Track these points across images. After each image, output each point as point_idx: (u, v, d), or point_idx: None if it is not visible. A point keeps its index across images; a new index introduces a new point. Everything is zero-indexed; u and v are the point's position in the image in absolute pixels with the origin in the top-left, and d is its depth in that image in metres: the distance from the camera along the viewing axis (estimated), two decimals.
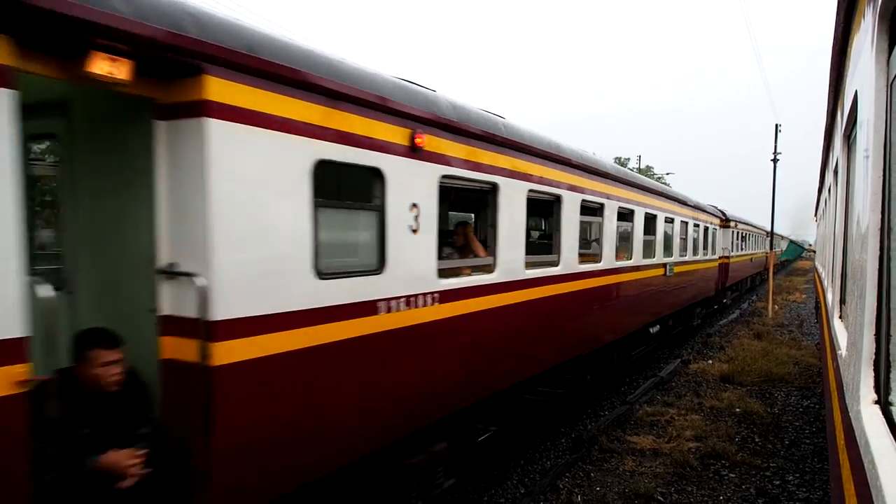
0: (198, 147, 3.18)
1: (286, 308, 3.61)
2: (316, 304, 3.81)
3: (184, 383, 3.26)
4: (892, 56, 2.06)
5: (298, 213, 3.70)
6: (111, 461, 3.06)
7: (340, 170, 4.07)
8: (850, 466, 2.51)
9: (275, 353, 3.54)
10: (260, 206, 3.47)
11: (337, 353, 3.99)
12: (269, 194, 3.52)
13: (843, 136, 4.27)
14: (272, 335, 3.53)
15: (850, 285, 3.08)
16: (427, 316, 4.86)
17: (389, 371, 4.52)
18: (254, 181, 3.44)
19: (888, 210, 2.10)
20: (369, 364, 4.30)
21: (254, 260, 3.44)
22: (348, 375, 4.13)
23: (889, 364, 2.04)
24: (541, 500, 6.20)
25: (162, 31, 2.91)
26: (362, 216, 4.42)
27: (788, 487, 6.71)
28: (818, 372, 11.84)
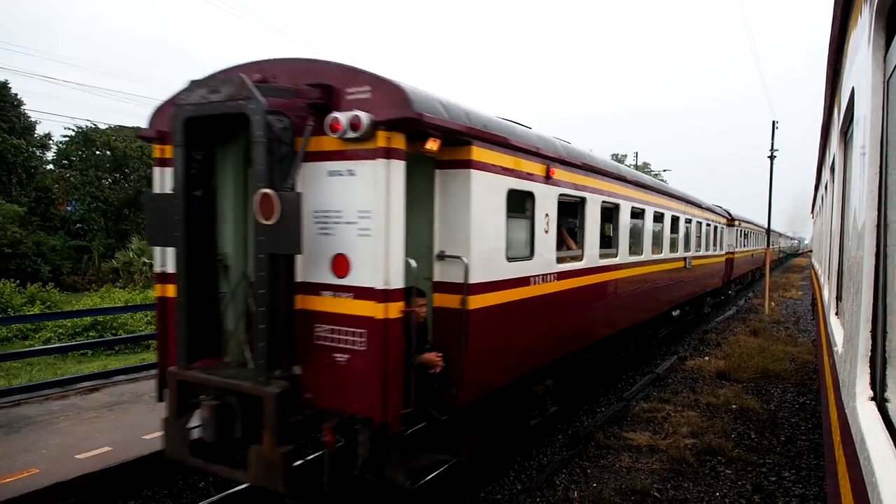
0: (465, 185, 5.42)
1: (494, 279, 5.83)
2: (504, 277, 6.01)
3: (449, 320, 5.47)
4: (889, 53, 2.06)
5: (500, 222, 5.92)
6: (427, 358, 5.27)
7: (516, 194, 6.22)
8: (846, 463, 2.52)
9: (489, 305, 5.76)
10: (486, 218, 5.67)
11: (511, 307, 6.17)
12: (490, 211, 5.73)
13: (839, 133, 4.28)
14: (488, 294, 5.74)
15: (847, 282, 3.09)
16: (551, 288, 7.09)
17: (533, 322, 6.72)
18: (485, 204, 5.63)
19: (884, 207, 2.10)
20: (524, 316, 6.47)
21: (485, 250, 5.65)
22: (516, 321, 6.30)
23: (885, 361, 2.04)
24: (537, 496, 6.20)
25: (458, 125, 5.23)
26: (522, 222, 6.52)
27: (784, 484, 6.73)
28: (814, 369, 11.86)
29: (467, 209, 5.41)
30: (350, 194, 4.79)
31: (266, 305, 4.57)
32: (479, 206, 5.53)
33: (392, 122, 4.63)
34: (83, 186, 51.39)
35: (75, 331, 22.39)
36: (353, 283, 4.77)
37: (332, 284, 4.87)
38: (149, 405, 8.20)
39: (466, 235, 5.41)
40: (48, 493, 5.51)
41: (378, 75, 4.83)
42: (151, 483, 6.35)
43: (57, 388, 8.93)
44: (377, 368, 4.65)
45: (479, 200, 5.51)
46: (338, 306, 4.84)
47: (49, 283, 34.26)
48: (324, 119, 4.77)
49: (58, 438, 6.79)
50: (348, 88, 4.84)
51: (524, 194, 6.45)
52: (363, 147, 4.70)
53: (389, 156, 4.66)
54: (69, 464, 6.05)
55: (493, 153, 5.74)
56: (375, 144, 4.65)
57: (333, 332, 4.86)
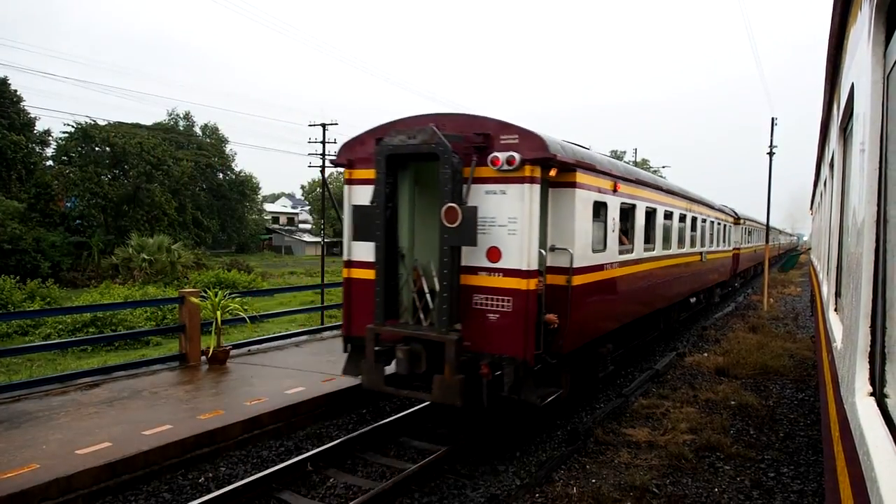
0: (571, 200, 7.52)
1: (586, 265, 7.95)
2: (591, 263, 8.16)
3: (558, 293, 7.48)
4: (889, 48, 2.05)
5: (590, 224, 8.05)
6: (549, 317, 7.27)
7: (597, 204, 8.29)
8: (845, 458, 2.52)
9: (583, 283, 7.84)
10: (583, 222, 7.77)
11: (594, 286, 8.36)
12: (584, 217, 7.83)
13: (839, 128, 4.27)
14: (583, 275, 7.83)
15: (846, 278, 3.09)
16: (615, 273, 9.22)
17: (605, 297, 8.94)
18: (582, 212, 7.71)
19: (884, 203, 2.09)
20: (601, 292, 8.68)
21: (581, 245, 7.73)
22: (596, 296, 8.53)
23: (884, 356, 2.05)
24: (536, 491, 6.21)
25: (570, 159, 7.31)
26: (600, 224, 8.56)
27: (783, 479, 6.74)
28: (813, 365, 11.87)
29: (572, 216, 7.54)
30: (502, 206, 6.99)
31: (447, 281, 6.82)
32: (579, 213, 7.66)
33: (535, 159, 6.84)
34: (82, 182, 51.37)
35: (75, 327, 22.43)
36: (504, 266, 7.00)
37: (487, 267, 7.11)
38: (149, 401, 8.22)
39: (571, 234, 7.54)
40: (48, 489, 5.51)
41: (524, 128, 7.03)
42: (151, 478, 6.37)
43: (57, 383, 8.92)
44: (521, 323, 6.89)
45: (579, 210, 7.64)
46: (491, 282, 7.08)
47: (49, 280, 34.29)
48: (484, 156, 6.99)
49: (58, 434, 6.79)
50: (502, 136, 7.03)
51: (601, 204, 8.54)
52: (513, 175, 6.89)
53: (531, 181, 6.86)
54: (69, 459, 6.05)
55: (586, 176, 7.88)
56: (523, 174, 6.86)
57: (487, 300, 7.10)
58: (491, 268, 7.08)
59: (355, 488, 6.44)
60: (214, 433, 7.08)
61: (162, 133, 65.73)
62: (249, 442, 7.44)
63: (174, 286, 34.36)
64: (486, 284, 7.10)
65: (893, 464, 1.63)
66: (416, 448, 7.66)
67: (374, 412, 9.07)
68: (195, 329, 10.57)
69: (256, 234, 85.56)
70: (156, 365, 10.35)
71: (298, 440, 7.79)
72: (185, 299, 10.51)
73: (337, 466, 6.99)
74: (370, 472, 6.96)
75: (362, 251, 7.90)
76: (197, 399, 8.35)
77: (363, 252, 7.87)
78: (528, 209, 6.84)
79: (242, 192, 78.79)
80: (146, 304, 22.27)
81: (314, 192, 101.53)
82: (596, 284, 8.42)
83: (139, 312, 23.91)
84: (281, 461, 7.01)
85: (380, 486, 6.24)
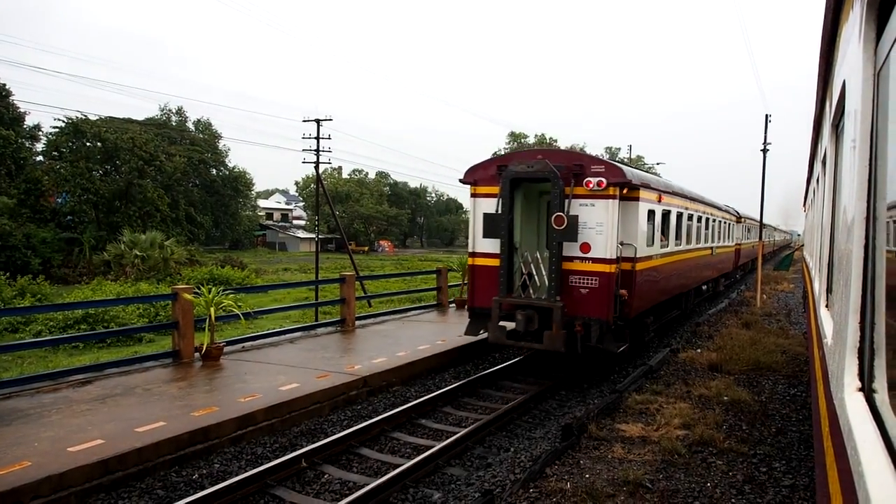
0: (635, 209, 10.47)
1: (643, 255, 10.73)
2: (646, 254, 11.01)
3: (626, 275, 10.35)
4: (880, 45, 2.06)
5: (645, 226, 10.86)
6: (621, 292, 10.21)
7: (648, 210, 10.92)
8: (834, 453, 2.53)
9: (642, 268, 10.76)
10: (642, 225, 10.62)
11: (647, 271, 11.13)
12: (643, 221, 10.70)
13: (831, 125, 4.28)
14: (641, 263, 10.69)
15: (837, 274, 3.10)
16: (658, 262, 12.01)
17: (652, 279, 11.60)
18: (641, 217, 10.63)
19: (874, 200, 2.11)
20: (650, 276, 11.37)
21: (641, 241, 10.59)
22: (648, 278, 11.20)
23: (873, 352, 2.06)
24: (530, 487, 6.23)
25: (637, 181, 10.51)
26: (651, 225, 11.19)
27: (775, 474, 6.78)
28: (805, 361, 11.94)
29: (636, 221, 10.54)
30: (592, 214, 10.09)
31: (555, 266, 10.07)
32: (640, 219, 10.68)
33: (617, 183, 10.00)
34: (73, 178, 50.97)
35: (66, 324, 22.27)
36: (592, 256, 10.10)
37: (580, 257, 10.18)
38: (142, 398, 8.19)
39: (635, 234, 10.52)
40: (40, 486, 5.48)
41: (608, 160, 10.67)
42: (144, 475, 6.35)
43: (48, 380, 8.88)
44: (605, 295, 10.00)
45: (640, 216, 10.67)
46: (583, 266, 10.19)
47: (40, 276, 34.05)
48: (580, 179, 10.12)
49: (49, 431, 6.76)
50: (592, 166, 10.19)
51: (651, 211, 11.37)
52: (601, 193, 10.05)
53: (613, 198, 10.00)
54: (61, 457, 6.03)
55: (645, 192, 10.85)
56: (607, 193, 10.01)
57: (580, 279, 10.18)
58: (583, 257, 10.20)
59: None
60: (208, 430, 7.07)
61: (154, 128, 65.35)
62: (243, 438, 7.43)
63: (167, 283, 34.22)
64: (579, 268, 10.26)
65: (880, 459, 1.64)
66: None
67: (369, 409, 9.07)
68: (188, 326, 10.54)
69: (250, 231, 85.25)
70: (149, 362, 10.32)
71: (293, 436, 7.78)
72: (178, 296, 10.47)
73: (331, 462, 7.00)
74: (365, 467, 6.97)
75: (485, 245, 10.96)
76: (190, 396, 8.32)
77: (485, 246, 10.97)
78: (610, 217, 10.01)
79: (236, 188, 78.47)
80: (138, 301, 22.20)
81: (308, 189, 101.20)
82: (649, 270, 11.46)
83: (132, 309, 23.80)
84: (275, 457, 7.00)
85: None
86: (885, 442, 1.71)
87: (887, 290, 1.90)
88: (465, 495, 6.31)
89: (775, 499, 6.12)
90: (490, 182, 10.93)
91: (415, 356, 11.06)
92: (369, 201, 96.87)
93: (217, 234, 75.98)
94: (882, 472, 1.57)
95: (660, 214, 11.98)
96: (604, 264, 10.02)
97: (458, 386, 9.92)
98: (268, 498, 6.17)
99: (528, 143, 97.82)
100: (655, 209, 11.62)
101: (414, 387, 10.25)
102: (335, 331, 13.81)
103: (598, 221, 10.07)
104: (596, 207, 10.09)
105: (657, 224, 11.82)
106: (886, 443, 1.70)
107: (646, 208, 10.97)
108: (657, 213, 11.76)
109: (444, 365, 11.55)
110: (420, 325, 14.94)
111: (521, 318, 10.15)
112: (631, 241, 10.43)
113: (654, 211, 11.53)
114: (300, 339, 12.68)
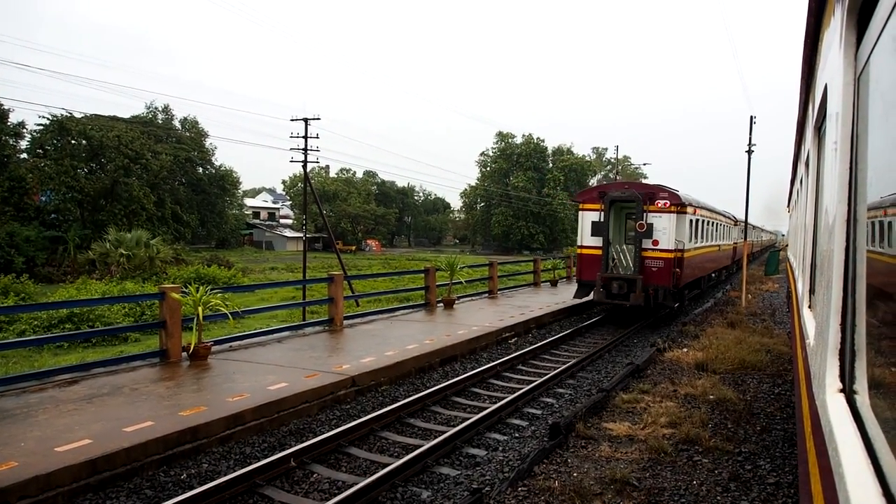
0: (683, 219, 17.59)
1: (685, 248, 17.82)
2: (687, 248, 18.06)
3: (677, 260, 17.34)
4: (860, 49, 2.09)
5: (687, 230, 17.87)
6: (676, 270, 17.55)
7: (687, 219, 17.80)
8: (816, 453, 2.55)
9: (686, 257, 18.05)
10: (686, 228, 17.79)
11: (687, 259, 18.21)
12: (687, 226, 17.87)
13: (813, 128, 4.35)
14: (685, 252, 17.92)
15: (819, 275, 3.14)
16: (690, 254, 18.71)
17: (688, 264, 18.44)
18: (686, 223, 17.81)
19: (854, 202, 2.14)
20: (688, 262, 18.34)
21: (685, 239, 17.75)
22: (687, 262, 18.35)
23: (854, 353, 2.08)
24: (518, 485, 6.27)
25: (686, 201, 17.83)
26: (689, 229, 17.96)
27: (760, 472, 6.87)
28: (789, 360, 12.08)
29: (684, 226, 17.24)
30: (659, 222, 16.95)
31: (637, 254, 16.99)
32: (686, 225, 17.39)
33: (675, 203, 17.03)
34: (58, 176, 50.45)
35: (51, 323, 22.04)
36: (660, 247, 16.88)
37: (652, 248, 16.92)
38: (129, 397, 8.15)
39: (683, 235, 17.21)
40: (27, 486, 5.45)
41: (669, 188, 17.80)
42: (132, 475, 6.33)
43: (34, 380, 8.82)
44: (668, 271, 16.79)
45: (686, 224, 17.37)
46: (654, 254, 16.94)
47: (24, 275, 33.71)
48: (652, 200, 16.99)
49: (36, 431, 6.71)
50: (660, 193, 17.21)
51: (689, 220, 17.53)
52: (664, 210, 16.92)
53: (671, 212, 16.88)
54: (49, 456, 5.99)
55: (689, 208, 17.57)
56: (669, 209, 16.92)
57: (652, 261, 16.88)
58: (654, 248, 16.87)
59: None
60: (197, 429, 7.05)
61: (140, 126, 64.80)
62: (232, 438, 7.42)
63: (153, 282, 33.97)
64: (652, 255, 16.88)
65: (860, 460, 1.65)
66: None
67: (357, 409, 9.08)
68: (176, 325, 10.49)
69: (237, 230, 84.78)
70: (136, 361, 10.26)
71: (282, 436, 7.78)
72: (165, 295, 10.42)
73: (320, 461, 7.01)
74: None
75: (590, 241, 17.76)
76: (178, 395, 8.29)
77: (590, 241, 17.76)
78: (671, 225, 16.82)
79: (223, 187, 78.01)
80: (124, 300, 21.99)
81: (296, 187, 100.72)
82: (690, 258, 18.18)
83: (117, 308, 23.61)
84: (264, 457, 7.00)
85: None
86: (864, 443, 1.72)
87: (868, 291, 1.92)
88: (453, 494, 6.35)
89: (760, 496, 6.21)
90: (592, 202, 17.91)
91: (403, 356, 11.07)
92: (357, 200, 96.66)
93: (203, 233, 75.50)
94: (861, 473, 1.58)
95: (695, 222, 18.77)
96: (667, 253, 16.82)
97: (447, 385, 9.96)
98: (257, 497, 6.17)
99: (516, 143, 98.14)
100: (693, 219, 18.42)
101: (402, 386, 10.28)
102: (323, 330, 13.80)
103: (663, 227, 16.85)
104: (662, 218, 16.92)
105: (691, 228, 18.23)
106: (866, 444, 1.71)
107: (688, 218, 17.67)
108: (691, 221, 18.21)
109: (432, 365, 11.58)
110: (408, 324, 14.96)
111: (616, 285, 16.81)
112: (682, 238, 17.22)
113: (691, 220, 18.03)
114: (288, 339, 12.66)
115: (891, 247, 1.73)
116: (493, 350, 13.48)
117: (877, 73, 1.82)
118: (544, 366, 12.28)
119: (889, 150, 1.62)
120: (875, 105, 1.86)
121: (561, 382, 11.07)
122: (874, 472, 1.54)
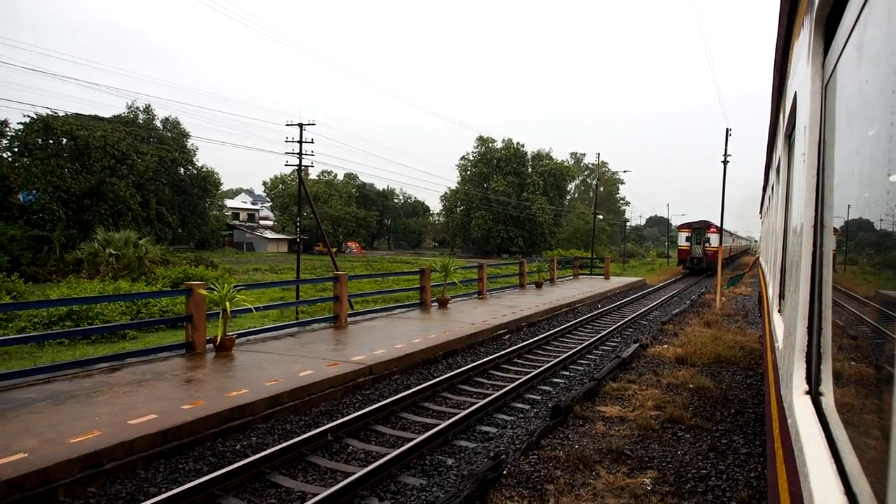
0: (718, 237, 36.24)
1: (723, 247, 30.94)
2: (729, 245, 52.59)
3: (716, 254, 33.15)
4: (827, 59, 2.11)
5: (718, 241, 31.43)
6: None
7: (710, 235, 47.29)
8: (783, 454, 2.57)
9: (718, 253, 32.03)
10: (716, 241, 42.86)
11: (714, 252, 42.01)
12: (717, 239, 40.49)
13: (784, 136, 4.48)
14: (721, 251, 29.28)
15: (788, 280, 3.21)
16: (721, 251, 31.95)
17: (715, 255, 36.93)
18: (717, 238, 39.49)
19: (821, 208, 2.15)
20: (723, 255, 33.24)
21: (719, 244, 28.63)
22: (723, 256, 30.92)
23: (820, 356, 2.09)
24: (529, 454, 7.29)
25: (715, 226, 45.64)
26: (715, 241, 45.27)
27: (734, 445, 7.96)
28: (761, 355, 13.26)
29: (719, 240, 28.85)
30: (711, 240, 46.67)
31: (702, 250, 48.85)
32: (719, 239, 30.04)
33: (716, 230, 44.43)
34: (44, 175, 50.41)
35: (50, 320, 22.54)
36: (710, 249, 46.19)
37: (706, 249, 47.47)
38: (173, 382, 8.99)
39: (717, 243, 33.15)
40: (115, 451, 6.33)
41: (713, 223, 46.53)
42: (195, 445, 7.20)
43: (77, 367, 9.60)
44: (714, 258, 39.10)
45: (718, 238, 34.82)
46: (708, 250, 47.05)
47: (14, 274, 33.90)
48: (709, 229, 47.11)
49: (104, 408, 7.54)
50: (711, 227, 46.61)
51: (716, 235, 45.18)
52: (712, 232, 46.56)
53: (716, 233, 44.84)
54: (125, 428, 6.84)
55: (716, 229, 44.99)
56: (714, 232, 45.99)
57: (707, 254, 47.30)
58: (706, 249, 46.95)
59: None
60: (244, 408, 7.95)
61: (123, 126, 64.75)
62: (273, 416, 8.32)
63: (142, 281, 34.37)
64: (707, 251, 46.33)
65: (824, 460, 1.67)
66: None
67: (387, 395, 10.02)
68: (201, 319, 11.33)
69: (217, 231, 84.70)
70: (163, 352, 11.08)
71: (314, 416, 8.71)
72: (192, 291, 11.26)
73: (352, 436, 7.95)
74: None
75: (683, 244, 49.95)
76: (218, 380, 9.17)
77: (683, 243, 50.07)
78: (717, 240, 38.99)
79: (204, 188, 78.00)
80: (124, 298, 22.60)
81: (277, 189, 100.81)
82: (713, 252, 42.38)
83: (114, 307, 24.16)
84: (304, 433, 7.93)
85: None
86: (829, 444, 1.74)
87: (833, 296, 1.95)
88: (474, 461, 7.34)
89: (735, 462, 7.30)
90: (683, 229, 50.13)
91: (412, 348, 12.04)
92: (338, 203, 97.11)
93: (184, 234, 75.43)
94: (825, 473, 1.60)
95: (720, 236, 27.13)
96: (713, 251, 40.37)
97: (453, 374, 10.95)
98: (304, 464, 7.10)
99: (496, 148, 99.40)
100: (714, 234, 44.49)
101: (413, 375, 11.25)
102: (329, 326, 14.70)
103: (713, 242, 44.02)
104: (713, 237, 45.08)
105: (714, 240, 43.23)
106: (830, 445, 1.72)
107: (717, 235, 39.76)
108: (714, 236, 43.70)
109: (436, 358, 12.56)
110: (409, 321, 15.94)
111: (695, 261, 47.78)
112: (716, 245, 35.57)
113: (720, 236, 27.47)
114: (299, 334, 13.54)
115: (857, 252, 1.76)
116: (489, 345, 14.51)
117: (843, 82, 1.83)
118: (538, 359, 13.32)
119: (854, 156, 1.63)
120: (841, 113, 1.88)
121: (555, 373, 12.12)
122: (837, 472, 1.55)
